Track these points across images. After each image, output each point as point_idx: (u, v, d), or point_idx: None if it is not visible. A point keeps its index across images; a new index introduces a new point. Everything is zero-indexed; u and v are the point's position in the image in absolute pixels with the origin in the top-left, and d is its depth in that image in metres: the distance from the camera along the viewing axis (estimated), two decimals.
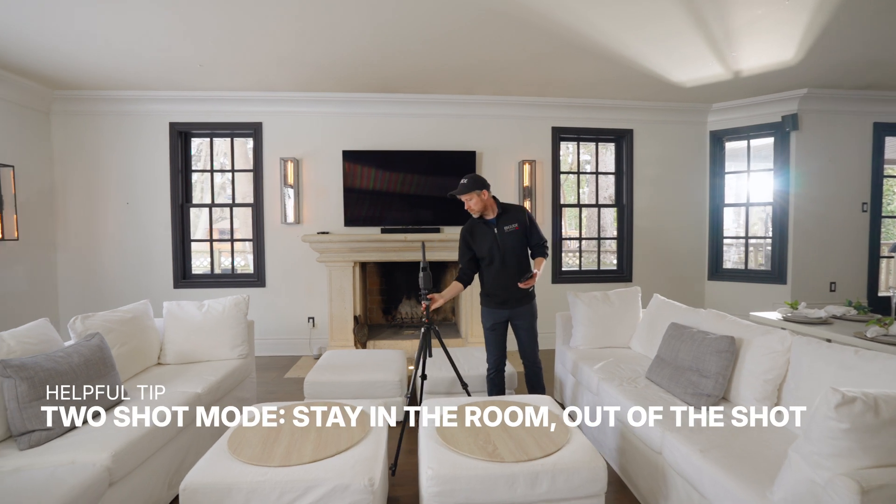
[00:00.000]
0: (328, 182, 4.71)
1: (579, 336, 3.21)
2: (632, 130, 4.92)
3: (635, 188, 4.97)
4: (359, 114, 4.69)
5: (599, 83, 4.27)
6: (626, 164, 4.96)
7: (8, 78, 3.97)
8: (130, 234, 4.63)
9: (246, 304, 3.14)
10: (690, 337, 2.41)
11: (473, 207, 2.63)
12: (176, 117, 4.59)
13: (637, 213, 4.99)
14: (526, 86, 4.35)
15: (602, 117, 4.87)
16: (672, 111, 4.90)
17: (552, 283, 4.95)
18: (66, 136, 4.54)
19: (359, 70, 3.89)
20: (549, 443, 1.76)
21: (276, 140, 4.68)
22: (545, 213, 4.90)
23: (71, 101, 4.47)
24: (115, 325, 2.62)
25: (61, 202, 4.57)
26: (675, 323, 2.64)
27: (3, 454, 1.77)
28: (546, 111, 4.80)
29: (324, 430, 1.89)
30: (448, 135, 4.77)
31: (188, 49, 3.47)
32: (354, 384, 3.00)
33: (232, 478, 1.56)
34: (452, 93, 4.57)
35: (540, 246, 2.74)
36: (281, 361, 4.63)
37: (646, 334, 3.05)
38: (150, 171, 4.61)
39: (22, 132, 4.21)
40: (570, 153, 5.40)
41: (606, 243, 5.35)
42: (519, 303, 2.70)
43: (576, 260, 5.32)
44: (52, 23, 3.06)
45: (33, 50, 3.50)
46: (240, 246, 5.12)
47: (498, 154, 4.82)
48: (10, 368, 1.85)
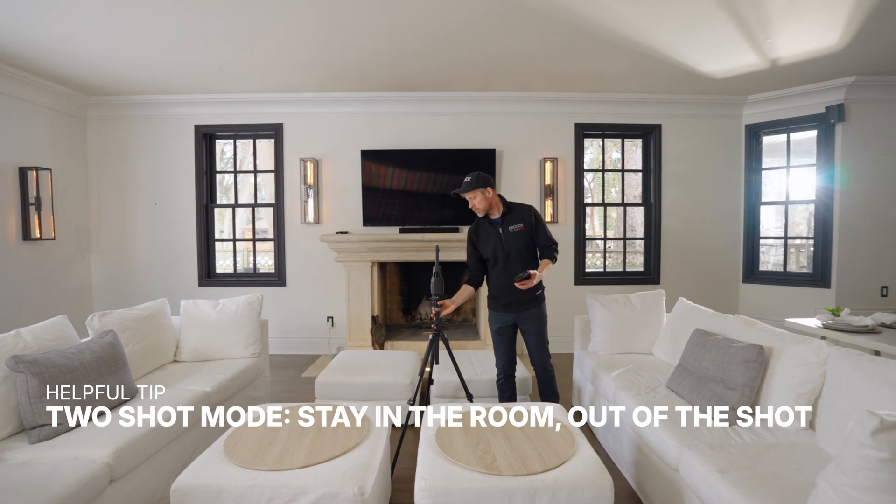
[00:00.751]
0: (347, 182, 4.72)
1: (598, 341, 3.06)
2: (660, 125, 4.69)
3: (663, 186, 4.73)
4: (377, 113, 4.68)
5: (624, 76, 4.08)
6: (654, 161, 4.73)
7: (47, 86, 4.17)
8: (158, 234, 4.79)
9: (259, 303, 3.17)
10: (715, 345, 2.24)
11: (478, 206, 2.55)
12: (200, 120, 4.70)
13: (665, 212, 4.75)
14: (547, 81, 4.21)
15: (628, 112, 4.66)
16: (703, 104, 4.64)
17: (574, 285, 4.78)
18: (100, 140, 4.74)
19: (375, 68, 3.86)
20: (553, 456, 1.65)
21: (296, 140, 4.73)
22: (567, 213, 4.73)
23: (104, 106, 4.66)
24: (131, 322, 2.68)
25: (95, 203, 4.78)
26: (699, 329, 2.46)
27: (14, 447, 1.83)
28: (569, 107, 4.64)
29: (321, 434, 1.85)
30: (467, 133, 4.69)
31: (206, 53, 3.54)
32: (365, 386, 2.96)
33: (222, 481, 1.54)
34: (471, 90, 4.49)
35: (548, 247, 2.57)
36: (300, 360, 4.67)
37: (669, 340, 2.87)
38: (177, 173, 4.74)
39: (60, 137, 4.42)
40: (594, 150, 5.20)
41: (633, 244, 5.13)
42: (524, 307, 2.57)
43: (600, 261, 5.11)
44: (88, 33, 3.18)
45: (70, 59, 3.67)
46: (266, 245, 5.19)
47: (518, 152, 4.69)
48: (21, 364, 1.90)
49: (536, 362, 2.63)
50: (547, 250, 2.57)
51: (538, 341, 2.60)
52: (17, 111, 4.01)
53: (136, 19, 2.99)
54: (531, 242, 2.57)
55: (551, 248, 2.57)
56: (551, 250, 2.56)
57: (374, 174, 4.62)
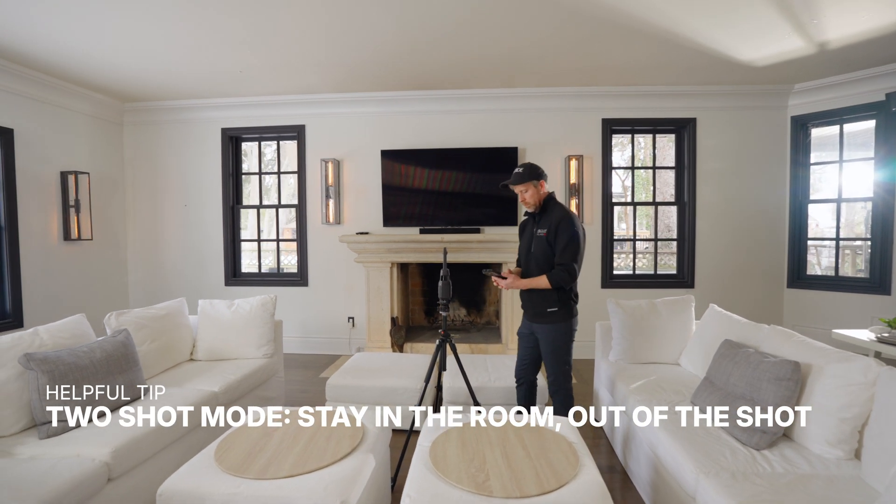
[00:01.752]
0: (368, 182, 4.71)
1: (619, 349, 2.87)
2: (694, 119, 4.39)
3: (699, 184, 4.42)
4: (397, 113, 4.63)
5: (654, 67, 3.84)
6: (689, 157, 4.44)
7: (86, 94, 4.39)
8: (188, 234, 4.94)
9: (273, 304, 3.18)
10: (745, 358, 2.03)
11: (528, 200, 2.34)
12: (227, 123, 4.82)
13: (701, 212, 4.44)
14: (571, 75, 4.03)
15: (659, 106, 4.39)
16: (742, 95, 4.30)
17: (601, 288, 4.56)
18: (136, 145, 4.94)
19: (390, 67, 3.80)
20: (552, 477, 1.52)
21: (317, 141, 4.76)
22: (594, 212, 4.52)
23: (139, 112, 4.86)
24: (147, 321, 2.74)
25: (131, 205, 4.99)
26: (728, 340, 2.25)
27: (25, 442, 1.88)
28: (595, 101, 4.42)
29: (314, 441, 1.79)
30: (488, 131, 4.56)
31: (226, 57, 3.59)
32: (375, 389, 2.91)
33: (206, 487, 1.51)
34: (492, 87, 4.36)
35: (556, 265, 2.28)
36: (321, 360, 4.69)
37: (697, 350, 2.65)
38: (205, 175, 4.88)
39: (98, 142, 4.64)
40: (623, 147, 4.94)
41: (666, 245, 4.84)
42: (536, 318, 2.39)
43: (628, 262, 4.86)
44: (123, 42, 3.31)
45: (107, 68, 3.84)
46: (292, 245, 5.26)
47: (542, 149, 4.52)
48: (33, 361, 1.96)
49: (548, 376, 2.44)
50: (554, 268, 2.29)
51: (549, 360, 2.38)
52: (59, 119, 4.24)
53: (154, 25, 3.06)
54: (550, 252, 2.30)
55: (558, 267, 2.26)
56: (557, 270, 2.26)
57: (394, 174, 4.59)
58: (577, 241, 2.26)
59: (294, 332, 4.90)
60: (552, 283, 2.26)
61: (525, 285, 2.32)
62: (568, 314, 2.34)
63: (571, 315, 2.35)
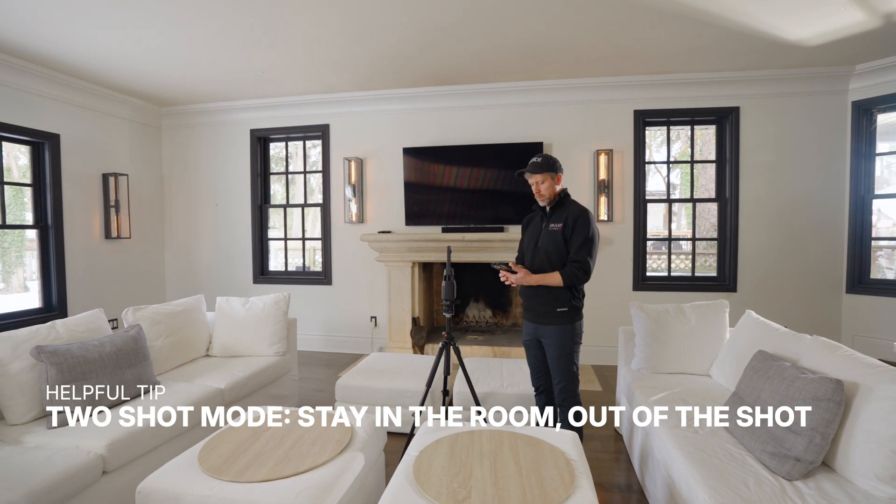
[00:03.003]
0: (390, 180, 4.67)
1: (641, 357, 2.65)
2: (737, 108, 4.02)
3: (742, 178, 4.05)
4: (419, 109, 4.57)
5: (690, 53, 3.54)
6: (731, 150, 4.07)
7: (126, 100, 4.63)
8: (219, 233, 5.11)
9: (286, 302, 3.18)
10: (780, 373, 1.78)
11: (543, 193, 2.19)
12: (255, 124, 4.93)
13: (745, 209, 4.07)
14: (598, 64, 3.79)
15: (698, 95, 4.06)
16: (793, 80, 3.89)
17: (633, 290, 4.28)
18: (172, 147, 5.17)
19: (408, 60, 3.72)
20: (539, 498, 1.38)
21: (341, 140, 4.78)
22: (626, 210, 4.25)
23: (175, 115, 5.07)
24: (163, 317, 2.81)
25: (168, 205, 5.22)
26: (762, 351, 1.99)
27: (34, 431, 1.95)
28: (626, 92, 4.16)
29: (299, 444, 1.74)
30: (512, 126, 4.40)
31: (245, 58, 3.65)
32: (384, 391, 2.85)
33: (182, 487, 1.49)
34: (515, 80, 4.20)
35: (570, 262, 2.14)
36: (342, 359, 4.70)
37: (730, 361, 2.39)
38: (235, 175, 5.02)
39: (137, 145, 4.88)
40: (657, 140, 4.63)
41: (705, 245, 4.48)
42: (541, 318, 2.23)
43: (663, 263, 4.54)
44: (153, 48, 3.44)
45: (142, 74, 4.03)
46: (317, 244, 5.32)
47: (569, 144, 4.31)
48: (43, 354, 2.03)
49: (555, 388, 2.25)
50: (567, 265, 2.14)
51: (557, 365, 2.21)
52: (101, 123, 4.49)
53: (175, 30, 3.15)
54: (563, 247, 2.16)
55: (572, 265, 2.12)
56: (571, 266, 2.12)
57: (417, 172, 4.52)
58: (594, 239, 2.14)
59: (318, 330, 4.95)
60: (565, 281, 2.12)
61: (537, 281, 2.16)
62: (576, 315, 2.20)
63: (579, 317, 2.21)
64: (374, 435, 1.92)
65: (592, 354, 4.35)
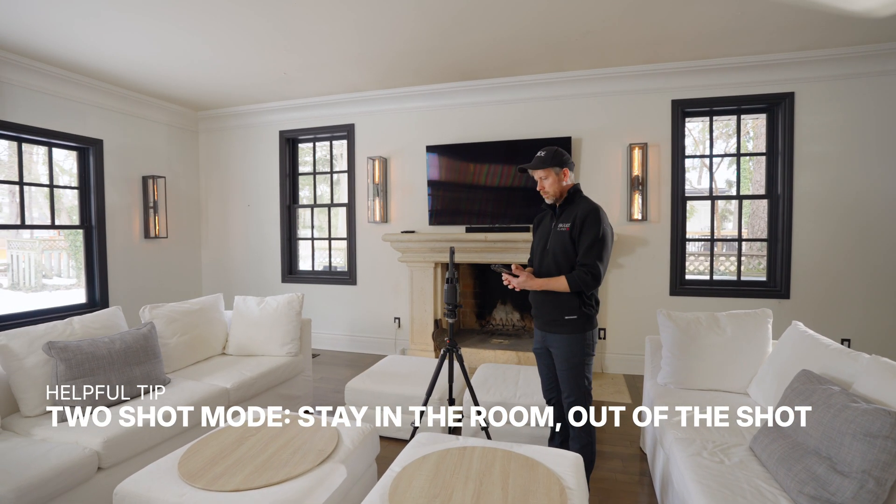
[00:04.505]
0: (414, 179, 4.60)
1: (668, 371, 2.39)
2: (792, 94, 3.60)
3: (797, 172, 3.63)
4: (442, 106, 4.46)
5: (734, 33, 3.20)
6: (784, 141, 3.66)
7: (165, 106, 4.85)
8: (250, 232, 5.24)
9: (299, 302, 3.17)
10: (825, 399, 1.51)
11: (548, 190, 2.04)
12: (284, 125, 5.02)
13: (799, 206, 3.64)
14: (629, 51, 3.52)
15: (745, 80, 3.67)
16: (858, 59, 3.42)
17: (669, 296, 3.95)
18: (208, 149, 5.36)
19: (426, 55, 3.61)
20: None
21: (366, 140, 4.76)
22: (663, 208, 3.93)
23: (210, 119, 5.26)
24: (179, 315, 2.87)
25: (205, 206, 5.42)
26: (807, 371, 1.72)
27: (43, 424, 2.01)
28: (662, 80, 3.84)
29: (280, 452, 1.68)
30: (539, 121, 4.20)
31: (266, 60, 3.68)
32: (392, 396, 2.77)
33: (155, 492, 1.46)
34: (540, 72, 3.99)
35: (578, 265, 1.94)
36: (366, 360, 4.67)
37: (771, 379, 2.09)
38: (265, 176, 5.13)
39: (175, 148, 5.10)
40: (699, 131, 4.25)
41: (759, 246, 4.06)
42: (548, 326, 2.04)
43: (704, 266, 4.16)
44: (180, 53, 3.56)
45: (177, 80, 4.19)
46: (343, 244, 5.34)
47: (600, 138, 4.05)
48: (53, 350, 2.09)
49: (564, 403, 2.06)
50: (575, 268, 1.95)
51: (566, 377, 2.01)
52: (142, 128, 4.72)
53: (195, 34, 3.22)
54: (572, 250, 1.97)
55: (580, 268, 1.92)
56: (578, 270, 1.92)
57: (440, 170, 4.42)
58: (604, 240, 1.92)
59: (343, 330, 4.96)
60: (571, 286, 1.92)
61: (540, 286, 1.98)
62: (587, 324, 1.98)
63: (591, 325, 1.99)
64: (362, 444, 1.83)
65: (623, 363, 4.07)
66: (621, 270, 4.05)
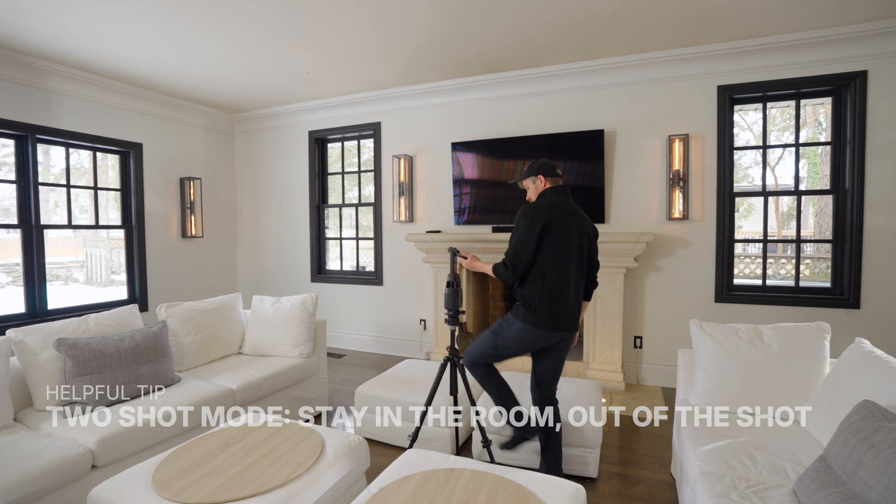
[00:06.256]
0: (439, 178, 4.47)
1: (702, 390, 2.10)
2: (864, 73, 3.12)
3: (869, 163, 3.14)
4: (468, 102, 4.30)
5: (788, 6, 2.80)
6: (854, 128, 3.18)
7: (202, 110, 5.02)
8: (281, 232, 5.33)
9: (313, 303, 3.13)
10: (891, 442, 1.22)
11: (531, 197, 2.21)
12: (313, 126, 5.05)
13: (872, 202, 3.15)
14: (665, 33, 3.19)
15: (805, 60, 3.23)
16: None
17: (715, 303, 3.57)
18: (243, 151, 5.51)
19: (446, 46, 3.43)
20: None
21: (392, 138, 4.69)
22: (707, 206, 3.56)
23: (245, 121, 5.39)
24: (195, 314, 2.90)
25: (240, 206, 5.58)
26: (870, 402, 1.41)
27: (51, 418, 2.06)
28: (705, 65, 3.47)
29: (260, 460, 1.60)
30: (569, 113, 3.94)
31: (287, 60, 3.68)
32: (398, 402, 2.65)
33: (123, 500, 1.41)
34: (569, 61, 3.73)
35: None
36: (390, 362, 4.60)
37: (825, 407, 1.77)
38: (295, 176, 5.20)
39: (212, 151, 5.28)
40: (750, 120, 3.81)
41: (820, 248, 3.58)
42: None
43: (756, 269, 3.73)
44: (207, 57, 3.65)
45: (216, 84, 4.32)
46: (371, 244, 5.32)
47: (635, 131, 3.73)
48: (63, 346, 2.14)
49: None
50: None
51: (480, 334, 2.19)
52: (180, 132, 4.91)
53: (217, 36, 3.25)
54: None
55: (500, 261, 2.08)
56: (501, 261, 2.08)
57: (466, 168, 4.27)
58: (516, 233, 2.01)
59: (370, 331, 4.92)
60: (494, 272, 2.10)
61: (480, 268, 2.17)
62: (522, 315, 2.02)
63: (524, 320, 2.00)
64: (347, 457, 1.71)
65: (662, 374, 3.73)
66: (659, 274, 3.71)
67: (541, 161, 2.16)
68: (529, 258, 1.96)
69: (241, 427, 1.87)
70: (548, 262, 1.95)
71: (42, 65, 3.64)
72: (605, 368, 3.68)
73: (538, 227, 1.94)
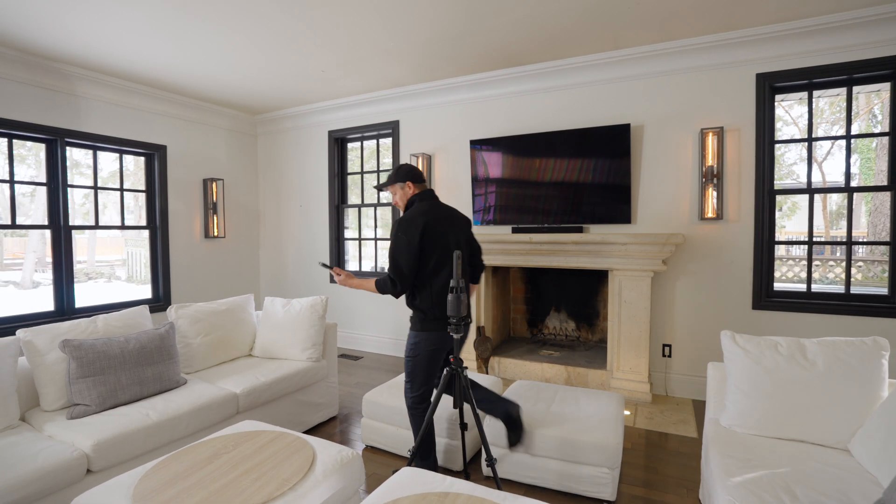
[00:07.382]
0: (458, 176, 4.35)
1: (735, 410, 1.88)
2: None
3: None
4: (487, 97, 4.15)
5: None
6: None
7: (224, 111, 5.08)
8: (302, 232, 5.33)
9: (323, 306, 3.06)
10: None
11: (399, 202, 2.28)
12: (332, 125, 5.02)
13: None
14: (698, 17, 2.94)
15: (858, 42, 2.91)
16: None
17: (752, 310, 3.29)
18: (265, 152, 5.55)
19: (459, 39, 3.30)
20: None
21: (410, 136, 4.59)
22: (744, 204, 3.28)
23: (266, 122, 5.43)
24: (204, 315, 2.88)
25: (262, 207, 5.62)
26: None
27: (55, 420, 2.06)
28: (742, 51, 3.19)
29: (244, 475, 1.51)
30: (594, 107, 3.73)
31: (303, 59, 3.64)
32: (403, 411, 2.54)
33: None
34: (592, 52, 3.53)
35: None
36: None
37: (885, 436, 1.53)
38: (315, 176, 5.18)
39: (234, 152, 5.34)
40: (796, 114, 3.49)
41: (875, 251, 3.23)
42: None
43: (801, 273, 3.41)
44: (250, 61, 3.68)
45: (238, 86, 4.35)
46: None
47: (665, 124, 3.49)
48: (68, 347, 2.14)
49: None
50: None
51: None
52: (203, 133, 4.98)
53: (237, 38, 3.24)
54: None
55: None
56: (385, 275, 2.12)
57: (484, 166, 4.12)
58: (397, 248, 2.05)
59: (389, 333, 4.85)
60: (377, 288, 2.12)
61: (357, 285, 2.20)
62: (420, 326, 2.12)
63: (423, 328, 2.11)
64: (338, 474, 1.60)
65: (692, 386, 3.47)
66: (690, 278, 3.45)
67: (407, 166, 2.24)
68: (414, 270, 2.03)
69: (235, 436, 1.81)
70: (432, 269, 2.05)
71: (70, 70, 3.74)
72: (631, 378, 3.45)
73: (417, 238, 2.02)
